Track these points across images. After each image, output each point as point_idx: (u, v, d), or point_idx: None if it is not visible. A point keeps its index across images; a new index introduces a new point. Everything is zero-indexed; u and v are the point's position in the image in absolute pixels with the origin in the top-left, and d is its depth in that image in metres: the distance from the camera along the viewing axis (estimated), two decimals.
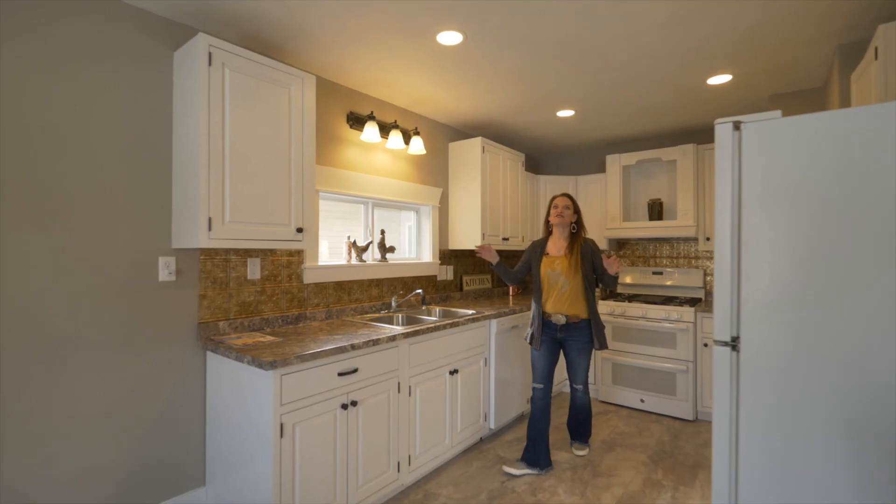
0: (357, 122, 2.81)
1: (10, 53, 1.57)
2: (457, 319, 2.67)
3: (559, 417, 3.46)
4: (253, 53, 1.97)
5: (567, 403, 3.68)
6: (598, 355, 3.85)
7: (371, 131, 2.72)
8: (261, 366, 1.69)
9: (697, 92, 2.90)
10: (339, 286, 2.75)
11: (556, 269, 2.55)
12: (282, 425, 1.74)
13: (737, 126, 1.05)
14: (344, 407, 1.97)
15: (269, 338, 2.10)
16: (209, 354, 2.06)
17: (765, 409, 1.02)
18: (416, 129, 3.12)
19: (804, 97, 2.87)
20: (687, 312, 3.41)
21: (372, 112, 2.77)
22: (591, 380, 3.92)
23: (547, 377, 2.60)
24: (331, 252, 2.86)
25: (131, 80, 1.87)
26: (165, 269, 1.96)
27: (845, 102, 2.23)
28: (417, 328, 2.37)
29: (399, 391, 2.27)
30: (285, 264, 2.46)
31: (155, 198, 1.94)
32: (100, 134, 1.79)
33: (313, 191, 2.22)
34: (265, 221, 2.02)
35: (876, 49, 1.79)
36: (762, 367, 0.99)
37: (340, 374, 1.97)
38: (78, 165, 1.73)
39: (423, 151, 3.12)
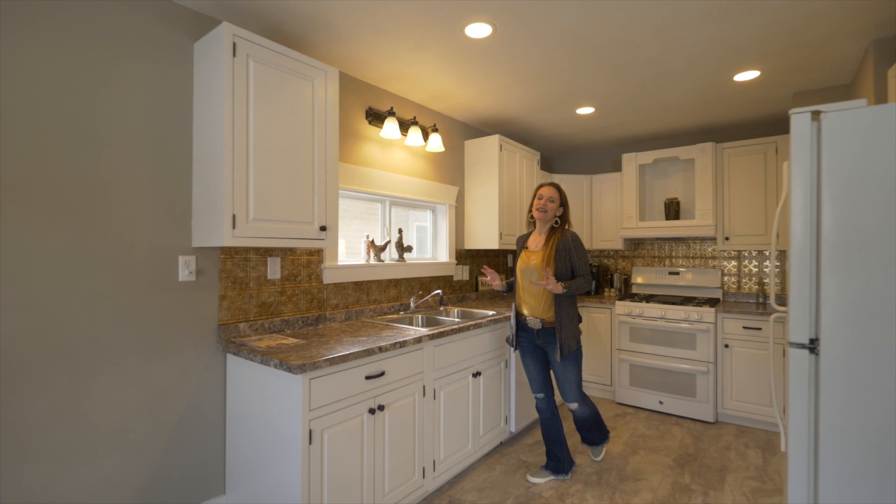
0: (376, 118, 2.74)
1: (25, 42, 1.50)
2: (479, 321, 2.60)
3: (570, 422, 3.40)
4: (277, 45, 1.90)
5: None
6: (614, 355, 3.79)
7: (391, 127, 2.65)
8: (289, 369, 1.62)
9: (722, 89, 2.85)
10: (358, 286, 2.68)
11: (531, 265, 2.31)
12: (310, 431, 1.66)
13: (815, 115, 0.99)
14: (371, 412, 1.90)
15: (292, 340, 2.02)
16: (229, 357, 1.99)
17: (848, 416, 0.96)
18: (435, 125, 3.05)
19: (830, 94, 2.82)
20: (707, 313, 3.35)
21: (392, 108, 2.70)
22: (607, 380, 3.86)
23: (544, 385, 2.43)
24: (347, 252, 2.79)
25: (151, 72, 1.79)
26: (186, 269, 1.88)
27: (881, 98, 2.18)
28: (442, 330, 2.31)
29: (424, 394, 2.20)
30: (305, 264, 2.38)
31: (175, 194, 1.86)
32: (119, 127, 1.71)
33: (336, 188, 2.15)
34: (289, 219, 1.94)
35: None
36: (845, 372, 0.93)
37: (368, 378, 1.90)
38: (97, 159, 1.65)
39: (442, 149, 3.05)
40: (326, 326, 2.40)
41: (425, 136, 3.08)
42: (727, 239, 3.60)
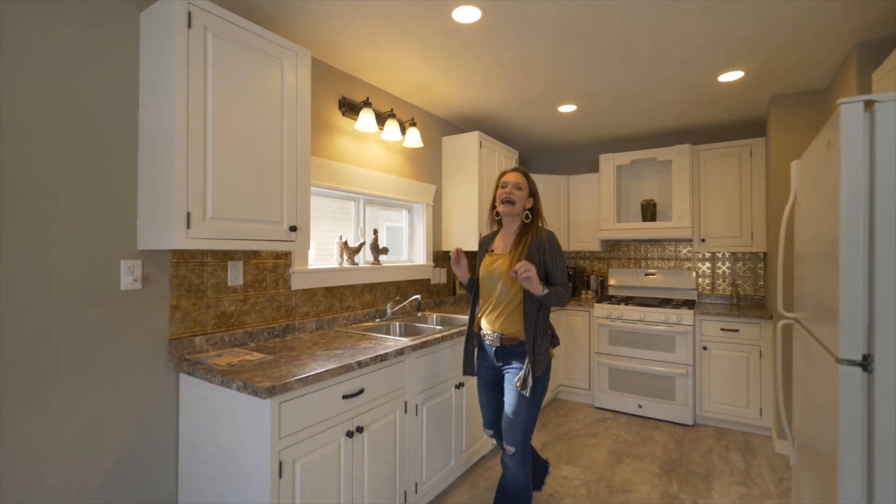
0: (350, 109, 2.52)
1: None
2: (462, 328, 2.43)
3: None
4: (241, 18, 1.66)
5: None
6: (592, 358, 3.73)
7: (367, 119, 2.44)
8: (256, 393, 1.39)
9: (705, 89, 2.82)
10: (330, 292, 2.45)
11: (495, 272, 1.82)
12: (280, 463, 1.44)
13: (869, 106, 0.89)
14: (349, 435, 1.69)
15: (257, 355, 1.78)
16: (183, 378, 1.72)
17: None
18: (413, 119, 2.87)
19: (807, 98, 2.85)
20: (686, 315, 3.34)
21: (368, 98, 2.49)
22: (585, 385, 3.79)
23: (495, 420, 1.96)
24: (318, 254, 2.55)
25: (87, 43, 1.51)
26: (129, 276, 1.61)
27: None
28: (425, 339, 2.12)
29: (406, 411, 2.01)
30: (271, 268, 2.14)
31: (116, 189, 1.58)
32: (45, 108, 1.42)
33: (308, 184, 1.92)
34: (254, 218, 1.71)
35: None
36: None
37: (346, 397, 1.69)
38: (18, 147, 1.36)
39: (420, 144, 2.86)
40: (295, 338, 2.16)
41: (403, 131, 2.88)
42: (703, 241, 3.61)
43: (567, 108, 3.18)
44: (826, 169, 1.08)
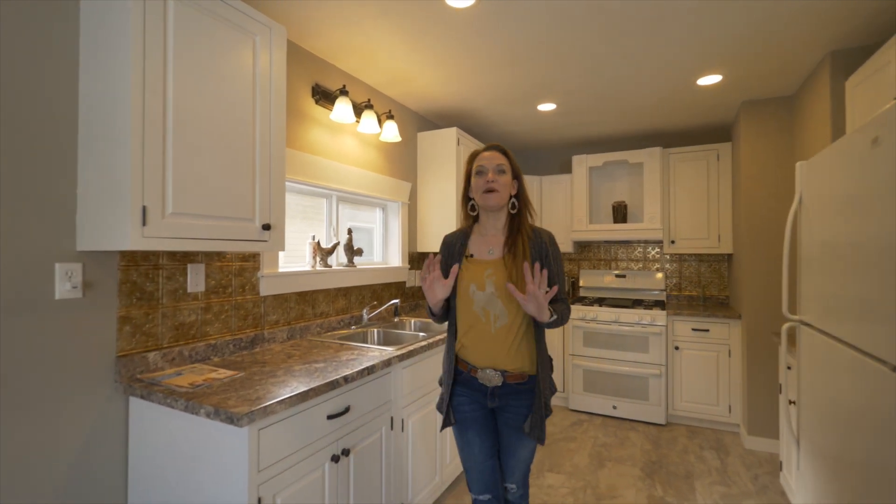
0: (325, 97, 2.31)
1: None
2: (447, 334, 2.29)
3: None
4: None
5: None
6: (567, 360, 3.70)
7: (343, 109, 2.24)
8: (231, 420, 1.18)
9: (684, 93, 2.85)
10: (303, 297, 2.23)
11: (486, 286, 1.38)
12: (259, 500, 1.24)
13: None
14: (335, 459, 1.51)
15: (224, 372, 1.55)
16: (134, 402, 1.46)
17: None
18: (390, 111, 2.69)
19: (776, 105, 2.95)
20: (659, 315, 3.38)
21: (344, 86, 2.29)
22: (559, 387, 3.76)
23: (492, 476, 1.45)
24: (287, 256, 2.32)
25: (11, 6, 1.23)
26: (66, 282, 1.34)
27: (838, 108, 2.25)
28: (411, 348, 1.96)
29: (392, 427, 1.84)
30: (237, 272, 1.90)
31: (50, 178, 1.31)
32: None
33: (283, 176, 1.71)
34: (222, 214, 1.48)
35: None
36: None
37: (331, 417, 1.50)
38: None
39: (398, 138, 2.69)
40: (266, 349, 1.93)
41: (380, 123, 2.70)
42: (673, 242, 3.68)
43: (547, 107, 3.11)
44: (870, 167, 1.05)
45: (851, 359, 1.19)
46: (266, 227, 1.62)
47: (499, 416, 1.44)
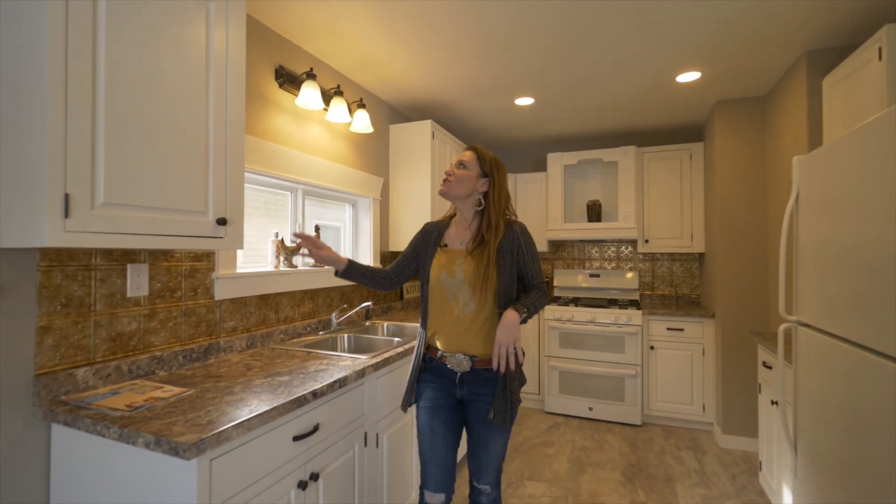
0: (290, 80, 2.11)
1: None
2: None
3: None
4: None
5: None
6: (543, 362, 3.63)
7: (311, 94, 2.04)
8: (176, 451, 0.99)
9: (661, 89, 2.81)
10: (264, 301, 2.02)
11: (456, 274, 1.44)
12: None
13: None
14: (302, 486, 1.32)
15: (171, 389, 1.34)
16: (57, 430, 1.23)
17: None
18: (362, 100, 2.51)
19: (748, 104, 2.97)
20: (635, 315, 3.35)
21: (312, 69, 2.09)
22: (535, 389, 3.68)
23: (449, 474, 1.45)
24: (246, 255, 2.10)
25: None
26: None
27: (815, 106, 2.26)
28: (387, 355, 1.80)
29: (366, 443, 1.67)
30: (187, 273, 1.67)
31: None
32: None
33: (241, 165, 1.51)
34: (168, 206, 1.27)
35: (880, 49, 1.76)
36: None
37: (297, 438, 1.32)
38: None
39: (370, 129, 2.51)
40: (222, 360, 1.71)
41: (350, 112, 2.51)
42: (647, 241, 3.67)
43: (524, 101, 3.02)
44: (882, 160, 0.98)
45: (861, 359, 1.13)
46: (221, 222, 1.41)
47: (468, 409, 1.47)
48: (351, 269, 1.57)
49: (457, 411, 1.47)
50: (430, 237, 1.56)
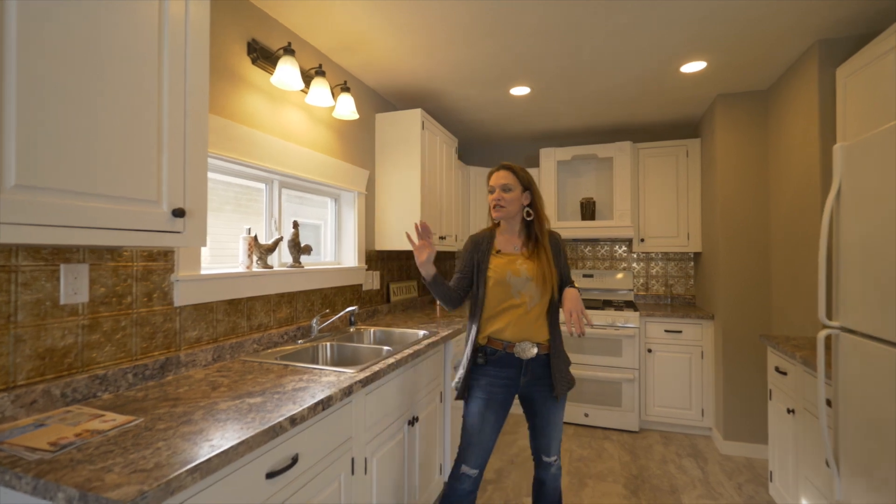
0: (264, 56, 1.86)
1: None
2: (416, 346, 1.93)
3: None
4: None
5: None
6: None
7: (289, 71, 1.80)
8: None
9: (663, 80, 2.67)
10: (234, 307, 1.76)
11: (522, 273, 1.61)
12: None
13: None
14: None
15: (114, 418, 1.09)
16: None
17: None
18: (346, 82, 2.27)
19: (749, 98, 2.86)
20: (632, 317, 3.21)
21: (290, 43, 1.85)
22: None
23: (486, 454, 1.62)
24: (213, 254, 1.85)
25: None
26: None
27: (827, 97, 2.15)
28: (377, 368, 1.58)
29: (353, 471, 1.45)
30: (140, 275, 1.41)
31: None
32: None
33: (204, 145, 1.26)
34: (108, 193, 1.02)
35: None
36: None
37: (271, 476, 1.09)
38: None
39: (356, 115, 2.28)
40: (182, 378, 1.46)
41: (334, 96, 2.27)
42: (643, 240, 3.54)
43: (520, 91, 2.83)
44: None
45: None
46: (178, 214, 1.17)
47: (534, 394, 1.66)
48: (435, 279, 1.65)
49: (508, 403, 1.64)
50: (482, 245, 1.72)
